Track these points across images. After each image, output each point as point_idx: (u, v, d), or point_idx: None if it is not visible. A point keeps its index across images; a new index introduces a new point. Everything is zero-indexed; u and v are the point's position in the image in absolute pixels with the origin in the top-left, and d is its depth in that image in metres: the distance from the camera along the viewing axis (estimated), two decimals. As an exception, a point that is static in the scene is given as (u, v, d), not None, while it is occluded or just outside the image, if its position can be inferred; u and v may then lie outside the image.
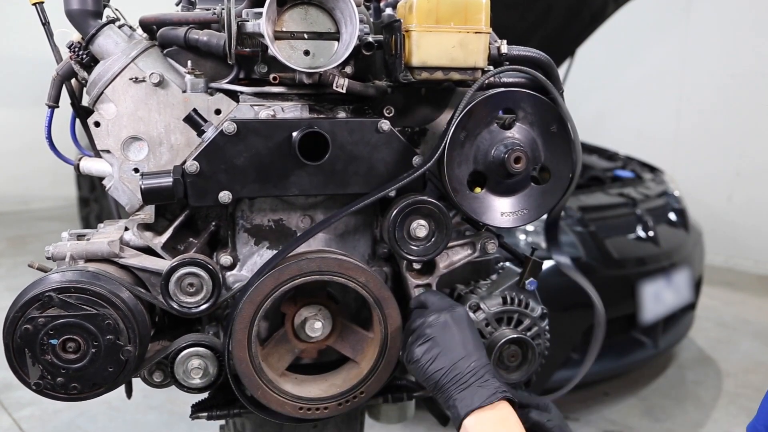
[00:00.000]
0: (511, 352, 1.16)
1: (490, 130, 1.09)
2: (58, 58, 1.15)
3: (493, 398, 0.97)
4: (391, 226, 1.09)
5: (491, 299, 1.18)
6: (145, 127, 1.09)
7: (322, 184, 1.09)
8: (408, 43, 1.04)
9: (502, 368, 1.17)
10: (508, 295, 1.20)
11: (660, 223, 3.65)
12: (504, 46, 1.13)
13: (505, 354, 1.16)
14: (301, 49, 1.06)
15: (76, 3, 1.07)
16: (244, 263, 1.15)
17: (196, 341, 1.09)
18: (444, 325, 1.04)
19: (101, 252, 1.07)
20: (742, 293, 5.18)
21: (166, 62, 1.12)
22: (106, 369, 0.99)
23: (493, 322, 1.18)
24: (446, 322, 1.04)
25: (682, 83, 6.17)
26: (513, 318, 1.19)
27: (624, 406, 3.45)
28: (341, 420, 1.34)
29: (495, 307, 1.18)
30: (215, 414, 1.21)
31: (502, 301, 1.19)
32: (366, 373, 1.14)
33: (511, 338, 1.15)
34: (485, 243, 1.20)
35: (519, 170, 1.06)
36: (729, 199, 5.80)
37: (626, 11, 4.17)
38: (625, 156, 4.53)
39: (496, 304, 1.18)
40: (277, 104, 1.11)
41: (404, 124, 1.17)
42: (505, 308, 1.18)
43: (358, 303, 1.22)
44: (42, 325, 0.96)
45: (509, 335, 1.15)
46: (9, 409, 3.33)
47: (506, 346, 1.16)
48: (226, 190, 1.05)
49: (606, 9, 4.01)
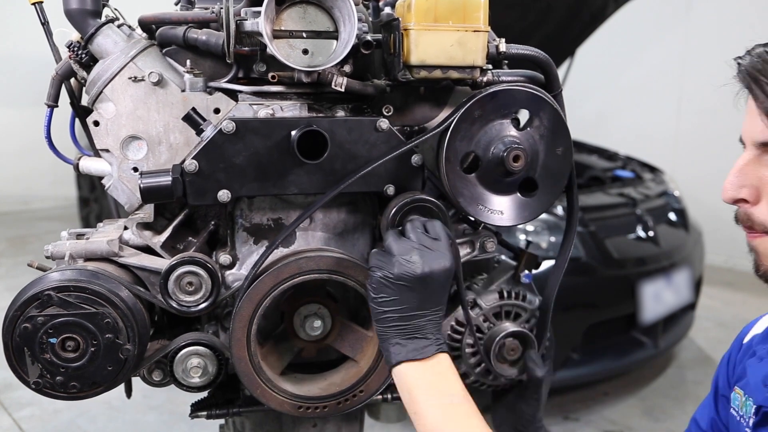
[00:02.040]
0: (511, 346, 1.17)
1: (503, 122, 1.08)
2: (57, 58, 1.15)
3: (426, 351, 0.98)
4: (389, 224, 1.09)
5: (487, 294, 1.18)
6: (144, 126, 1.09)
7: (320, 182, 1.09)
8: (406, 42, 1.04)
9: (502, 362, 1.17)
10: (504, 289, 1.20)
11: (660, 223, 3.65)
12: (503, 44, 1.12)
13: (505, 348, 1.16)
14: (299, 48, 1.06)
15: (75, 2, 1.07)
16: (243, 262, 1.15)
17: (195, 340, 1.09)
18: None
19: (100, 251, 1.07)
20: (742, 293, 5.17)
21: (165, 61, 1.12)
22: (106, 368, 0.99)
23: (491, 318, 1.18)
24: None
25: (682, 83, 6.17)
26: (511, 312, 1.19)
27: (624, 406, 3.45)
28: (341, 419, 1.34)
29: (491, 302, 1.18)
30: (215, 413, 1.21)
31: (498, 296, 1.19)
32: (365, 371, 1.14)
33: (509, 332, 1.15)
34: (484, 242, 1.20)
35: (515, 169, 1.06)
36: (729, 199, 5.80)
37: (626, 11, 4.17)
38: (625, 156, 4.53)
39: (492, 299, 1.18)
40: (275, 103, 1.11)
41: (403, 123, 1.16)
42: (502, 303, 1.18)
43: (358, 302, 1.22)
44: (41, 323, 0.96)
45: (507, 329, 1.15)
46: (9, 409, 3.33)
47: (506, 340, 1.16)
48: (225, 188, 1.05)
49: (606, 9, 4.01)
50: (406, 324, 0.99)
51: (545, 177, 1.11)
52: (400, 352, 0.98)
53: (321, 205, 1.09)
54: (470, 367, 1.20)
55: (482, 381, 1.22)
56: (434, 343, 1.00)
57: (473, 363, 1.20)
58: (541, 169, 1.10)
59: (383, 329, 1.00)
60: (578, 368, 3.13)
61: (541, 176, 1.11)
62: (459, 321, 1.18)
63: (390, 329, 0.99)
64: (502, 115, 1.08)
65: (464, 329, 1.18)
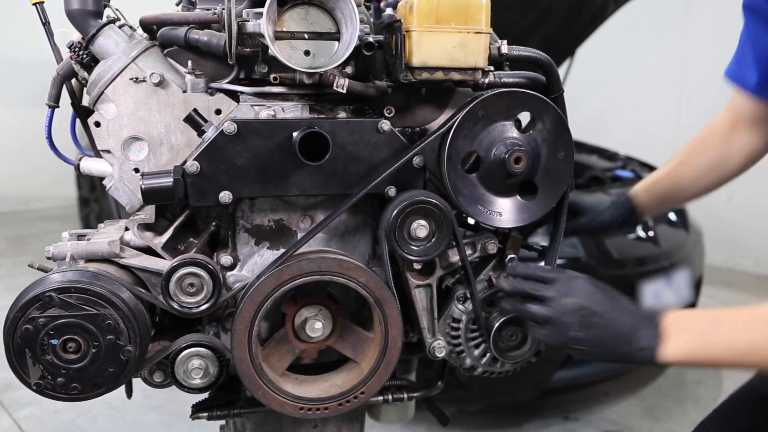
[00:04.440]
0: (510, 332, 1.17)
1: (506, 124, 1.09)
2: (58, 58, 1.15)
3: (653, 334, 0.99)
4: (391, 225, 1.09)
5: (477, 285, 1.18)
6: (145, 127, 1.09)
7: (322, 184, 1.09)
8: (408, 43, 1.04)
9: (504, 349, 1.17)
10: (492, 276, 1.20)
11: (660, 223, 3.65)
12: (504, 46, 1.13)
13: (504, 334, 1.16)
14: (301, 49, 1.06)
15: (76, 3, 1.07)
16: (244, 263, 1.15)
17: (196, 341, 1.09)
18: None
19: (101, 252, 1.07)
20: (742, 293, 5.18)
21: (167, 62, 1.12)
22: (107, 369, 0.99)
23: (485, 308, 1.18)
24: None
25: (682, 83, 6.17)
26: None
27: (624, 406, 3.45)
28: (341, 420, 1.34)
29: (481, 292, 1.18)
30: (216, 414, 1.21)
31: (487, 285, 1.19)
32: (366, 373, 1.14)
33: (505, 320, 1.15)
34: (485, 243, 1.20)
35: (516, 171, 1.06)
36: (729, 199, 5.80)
37: (626, 11, 4.16)
38: (625, 156, 4.53)
39: (481, 289, 1.18)
40: (277, 104, 1.11)
41: (405, 125, 1.16)
42: (493, 290, 1.19)
43: (359, 303, 1.22)
44: (42, 325, 0.96)
45: (501, 317, 1.15)
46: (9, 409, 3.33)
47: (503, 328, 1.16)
48: (227, 190, 1.05)
49: (606, 9, 4.01)
50: (616, 337, 1.00)
51: (545, 180, 1.11)
52: (646, 352, 0.99)
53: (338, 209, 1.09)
54: (476, 359, 1.20)
55: (491, 370, 1.22)
56: (647, 318, 1.00)
57: (478, 355, 1.20)
58: (542, 172, 1.11)
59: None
60: (578, 368, 3.13)
61: (541, 179, 1.11)
62: (454, 318, 1.18)
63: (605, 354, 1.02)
64: (505, 117, 1.08)
65: (460, 325, 1.18)
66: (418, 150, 1.09)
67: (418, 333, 1.22)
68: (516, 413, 3.29)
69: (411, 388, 1.31)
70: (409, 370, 1.47)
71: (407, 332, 1.26)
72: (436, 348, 1.20)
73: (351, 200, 1.07)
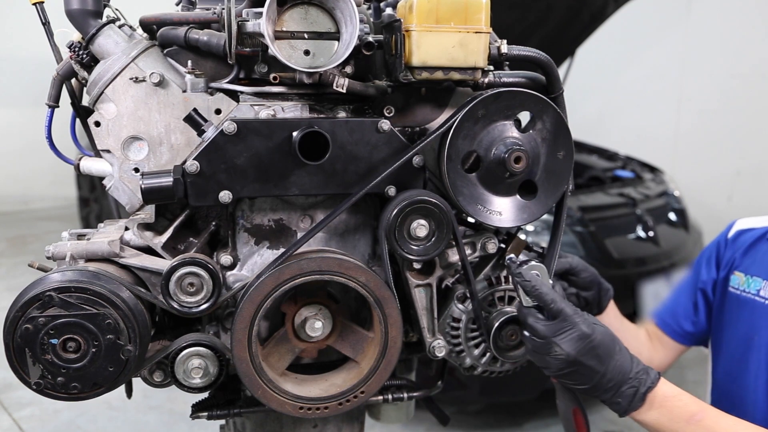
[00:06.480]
0: (510, 332, 1.17)
1: (506, 123, 1.09)
2: (58, 58, 1.15)
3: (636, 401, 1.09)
4: (391, 225, 1.09)
5: (477, 284, 1.18)
6: (145, 126, 1.09)
7: (322, 183, 1.09)
8: (408, 43, 1.04)
9: (504, 348, 1.18)
10: (491, 275, 1.20)
11: (660, 223, 3.65)
12: (504, 45, 1.13)
13: (504, 334, 1.16)
14: (301, 49, 1.06)
15: (76, 3, 1.07)
16: (244, 263, 1.15)
17: (196, 341, 1.09)
18: None
19: (101, 252, 1.07)
20: (742, 293, 5.16)
21: (167, 62, 1.12)
22: (107, 368, 0.99)
23: (485, 308, 1.18)
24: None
25: (682, 83, 6.17)
26: (504, 297, 1.19)
27: (624, 406, 3.45)
28: (341, 419, 1.34)
29: (481, 292, 1.18)
30: (215, 414, 1.21)
31: (487, 284, 1.19)
32: (366, 372, 1.14)
33: (505, 320, 1.15)
34: (485, 242, 1.21)
35: (516, 170, 1.06)
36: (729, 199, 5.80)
37: (626, 11, 4.16)
38: (625, 156, 4.53)
39: (481, 288, 1.18)
40: (277, 104, 1.11)
41: (404, 124, 1.16)
42: (492, 290, 1.18)
43: (359, 303, 1.22)
44: (42, 324, 0.96)
45: (501, 317, 1.15)
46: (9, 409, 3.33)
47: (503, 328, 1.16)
48: (227, 189, 1.05)
49: (606, 9, 4.01)
50: (598, 388, 1.09)
51: (545, 180, 1.11)
52: (622, 408, 1.10)
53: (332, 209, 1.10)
54: (476, 359, 1.20)
55: (491, 370, 1.22)
56: (636, 383, 1.09)
57: (478, 354, 1.20)
58: (542, 172, 1.11)
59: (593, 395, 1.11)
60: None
61: (541, 179, 1.11)
62: (454, 317, 1.19)
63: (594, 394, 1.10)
64: (505, 116, 1.08)
65: (460, 324, 1.18)
66: (417, 149, 1.09)
67: (418, 332, 1.22)
68: (516, 413, 3.29)
69: (411, 388, 1.31)
70: (409, 370, 1.47)
71: (407, 332, 1.26)
72: (435, 347, 1.20)
73: (351, 200, 1.07)
